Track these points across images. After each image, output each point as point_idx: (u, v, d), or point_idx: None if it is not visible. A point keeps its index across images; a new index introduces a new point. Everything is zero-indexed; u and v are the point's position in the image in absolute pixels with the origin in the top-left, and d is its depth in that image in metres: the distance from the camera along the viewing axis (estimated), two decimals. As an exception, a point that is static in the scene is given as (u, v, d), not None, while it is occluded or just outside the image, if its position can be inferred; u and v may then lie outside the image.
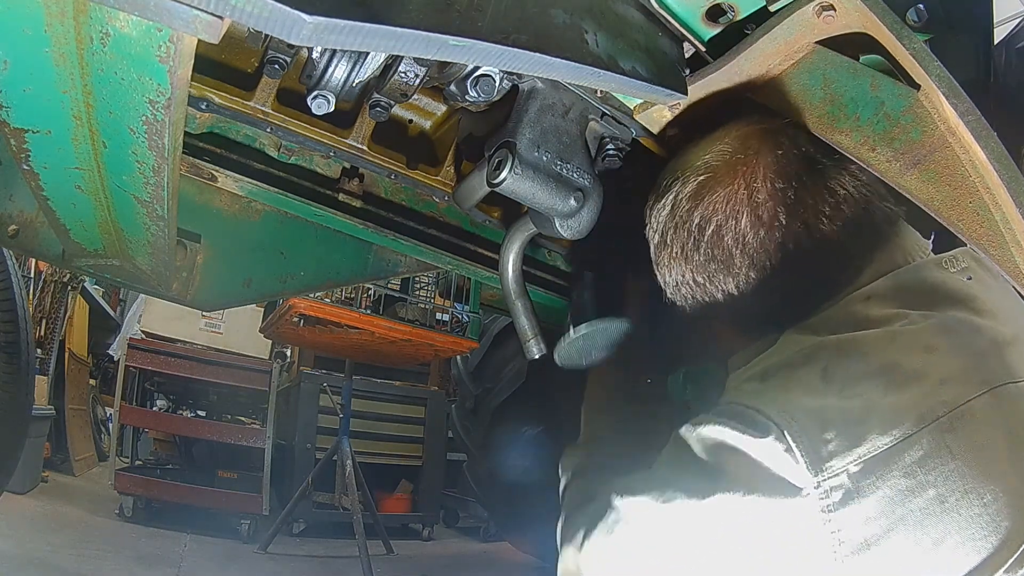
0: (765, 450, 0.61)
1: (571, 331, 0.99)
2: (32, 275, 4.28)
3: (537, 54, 0.63)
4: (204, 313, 4.49)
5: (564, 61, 0.66)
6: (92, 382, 6.03)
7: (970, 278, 0.73)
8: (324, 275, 1.51)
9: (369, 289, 2.93)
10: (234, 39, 1.08)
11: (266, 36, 0.84)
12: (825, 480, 0.59)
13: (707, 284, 0.80)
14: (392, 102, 0.90)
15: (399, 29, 0.52)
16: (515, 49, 0.61)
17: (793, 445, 0.60)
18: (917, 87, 0.69)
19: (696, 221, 0.77)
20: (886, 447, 0.59)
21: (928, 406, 0.60)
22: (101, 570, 2.78)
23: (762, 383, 0.68)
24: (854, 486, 0.58)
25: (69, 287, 4.71)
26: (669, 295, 0.86)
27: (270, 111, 1.16)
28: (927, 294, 0.72)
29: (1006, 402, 0.62)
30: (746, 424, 0.63)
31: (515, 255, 1.10)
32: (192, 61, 0.64)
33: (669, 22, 0.78)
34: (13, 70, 0.67)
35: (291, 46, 0.84)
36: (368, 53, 0.78)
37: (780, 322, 0.75)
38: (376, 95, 0.87)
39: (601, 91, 0.96)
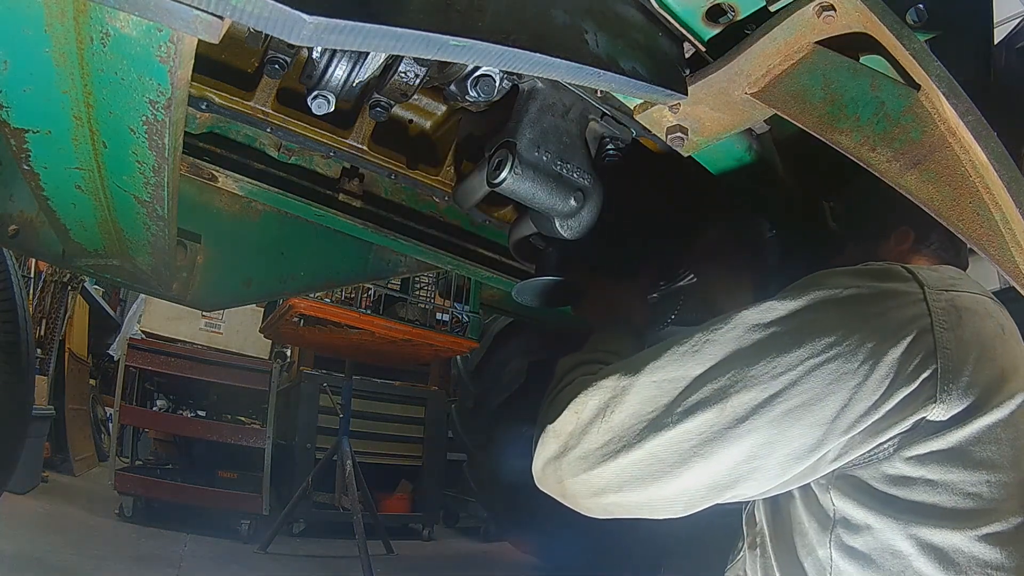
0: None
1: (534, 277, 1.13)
2: (32, 275, 4.28)
3: (537, 54, 0.63)
4: (204, 313, 4.49)
5: (564, 61, 0.66)
6: (92, 382, 6.03)
7: None
8: (324, 275, 1.51)
9: (369, 289, 2.92)
10: (234, 39, 1.08)
11: (266, 36, 0.84)
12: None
13: None
14: (392, 102, 0.90)
15: (399, 29, 0.52)
16: (515, 49, 0.61)
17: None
18: (917, 87, 0.69)
19: None
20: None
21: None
22: (101, 570, 2.78)
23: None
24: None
25: (69, 287, 4.70)
26: None
27: (270, 111, 1.16)
28: None
29: None
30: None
31: None
32: (192, 61, 0.64)
33: (669, 22, 0.78)
34: (13, 70, 0.67)
35: (291, 46, 0.84)
36: (368, 53, 0.78)
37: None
38: (376, 95, 0.87)
39: (601, 91, 0.96)
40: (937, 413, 0.70)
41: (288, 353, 5.14)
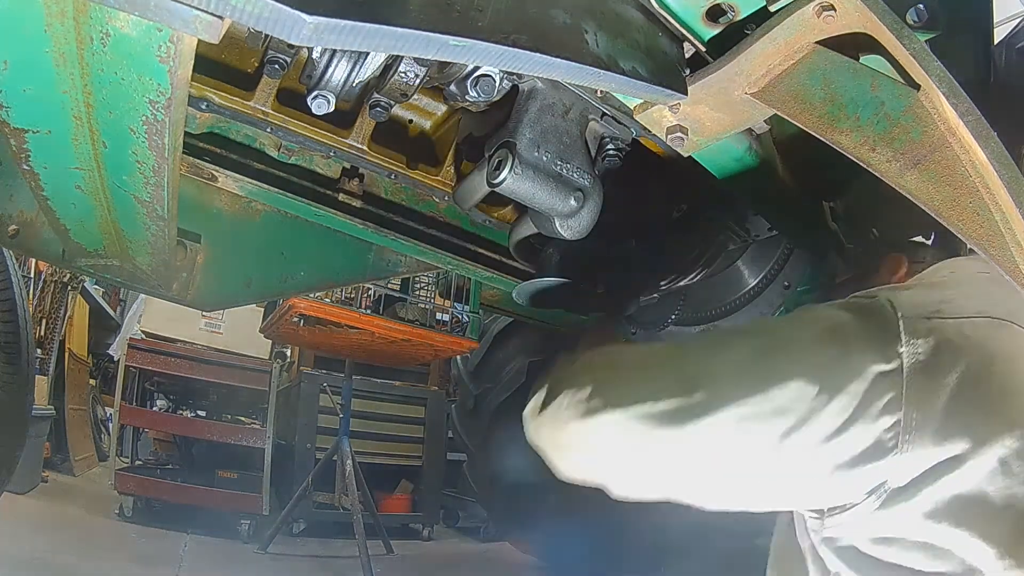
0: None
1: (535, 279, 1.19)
2: (32, 275, 4.27)
3: (537, 54, 0.63)
4: (204, 313, 4.48)
5: (564, 61, 0.66)
6: (92, 382, 6.02)
7: None
8: (324, 275, 1.51)
9: (369, 289, 2.92)
10: (234, 39, 1.08)
11: (266, 36, 0.84)
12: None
13: None
14: (392, 102, 0.90)
15: (399, 29, 0.52)
16: (515, 49, 0.61)
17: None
18: (917, 87, 0.69)
19: None
20: None
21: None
22: (101, 570, 2.78)
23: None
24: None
25: (69, 287, 4.70)
26: None
27: (270, 111, 1.16)
28: None
29: None
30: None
31: None
32: (192, 61, 0.64)
33: (669, 22, 0.78)
34: (13, 70, 0.67)
35: (291, 46, 0.84)
36: (368, 53, 0.78)
37: None
38: (376, 95, 0.88)
39: (601, 91, 0.96)
40: (904, 468, 0.68)
41: (288, 353, 5.13)
